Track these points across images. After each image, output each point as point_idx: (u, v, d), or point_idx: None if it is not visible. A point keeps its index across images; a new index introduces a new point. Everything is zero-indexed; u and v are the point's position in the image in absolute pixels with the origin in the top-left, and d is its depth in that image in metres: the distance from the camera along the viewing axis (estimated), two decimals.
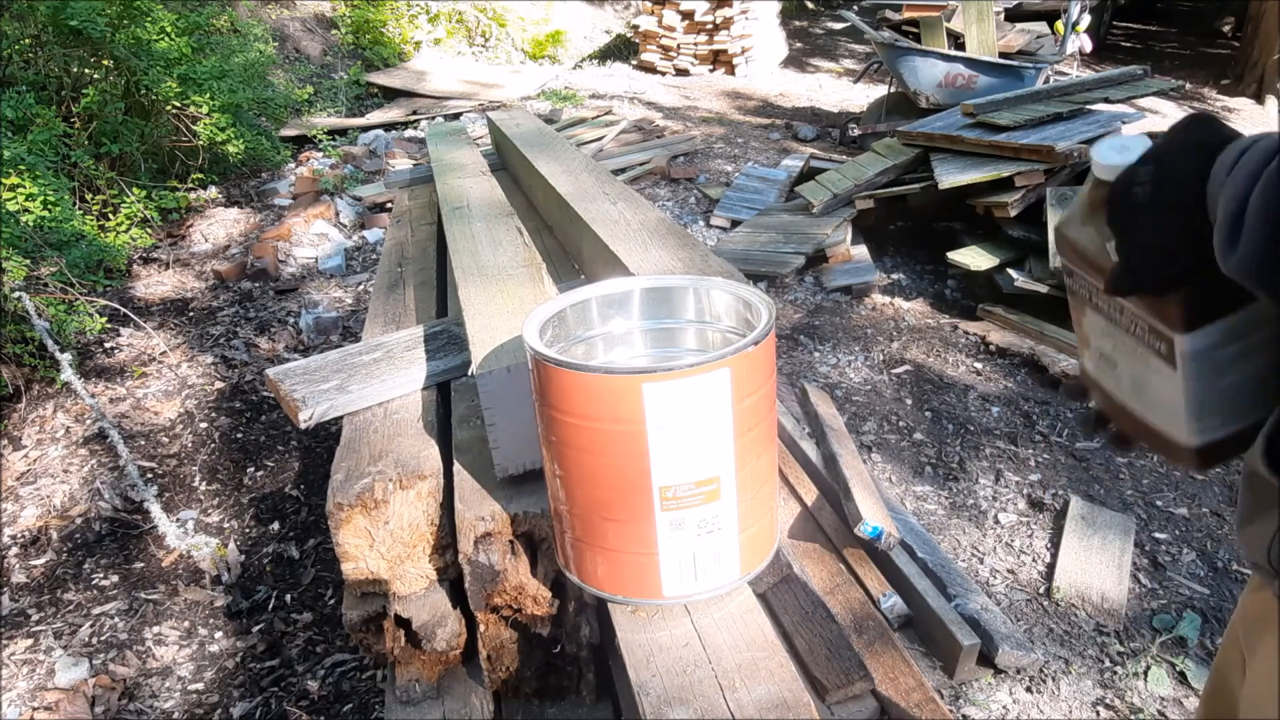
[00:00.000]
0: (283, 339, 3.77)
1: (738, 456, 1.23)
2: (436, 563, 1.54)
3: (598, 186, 2.46)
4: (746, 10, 8.47)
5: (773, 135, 6.80)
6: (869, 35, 6.37)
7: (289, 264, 4.49)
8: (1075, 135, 4.04)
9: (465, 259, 2.01)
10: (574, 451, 1.23)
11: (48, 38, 4.33)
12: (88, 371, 3.41)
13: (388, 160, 5.84)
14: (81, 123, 4.32)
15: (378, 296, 2.41)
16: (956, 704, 1.93)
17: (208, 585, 2.44)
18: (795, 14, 11.59)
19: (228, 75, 4.79)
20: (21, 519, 2.70)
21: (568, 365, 1.18)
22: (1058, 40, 6.33)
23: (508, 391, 1.43)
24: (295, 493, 2.82)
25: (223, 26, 5.57)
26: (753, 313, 1.34)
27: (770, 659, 1.22)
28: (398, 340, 1.96)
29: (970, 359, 3.55)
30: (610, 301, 1.51)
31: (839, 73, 9.39)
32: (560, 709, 1.62)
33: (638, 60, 9.07)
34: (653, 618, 1.31)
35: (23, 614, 2.37)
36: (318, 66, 7.86)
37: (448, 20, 9.23)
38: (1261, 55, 8.53)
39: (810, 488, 2.29)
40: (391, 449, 1.56)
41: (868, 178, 4.49)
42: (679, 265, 1.80)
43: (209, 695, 2.12)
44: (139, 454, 2.98)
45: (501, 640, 1.53)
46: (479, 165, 2.98)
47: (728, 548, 1.29)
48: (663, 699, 1.17)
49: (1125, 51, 10.25)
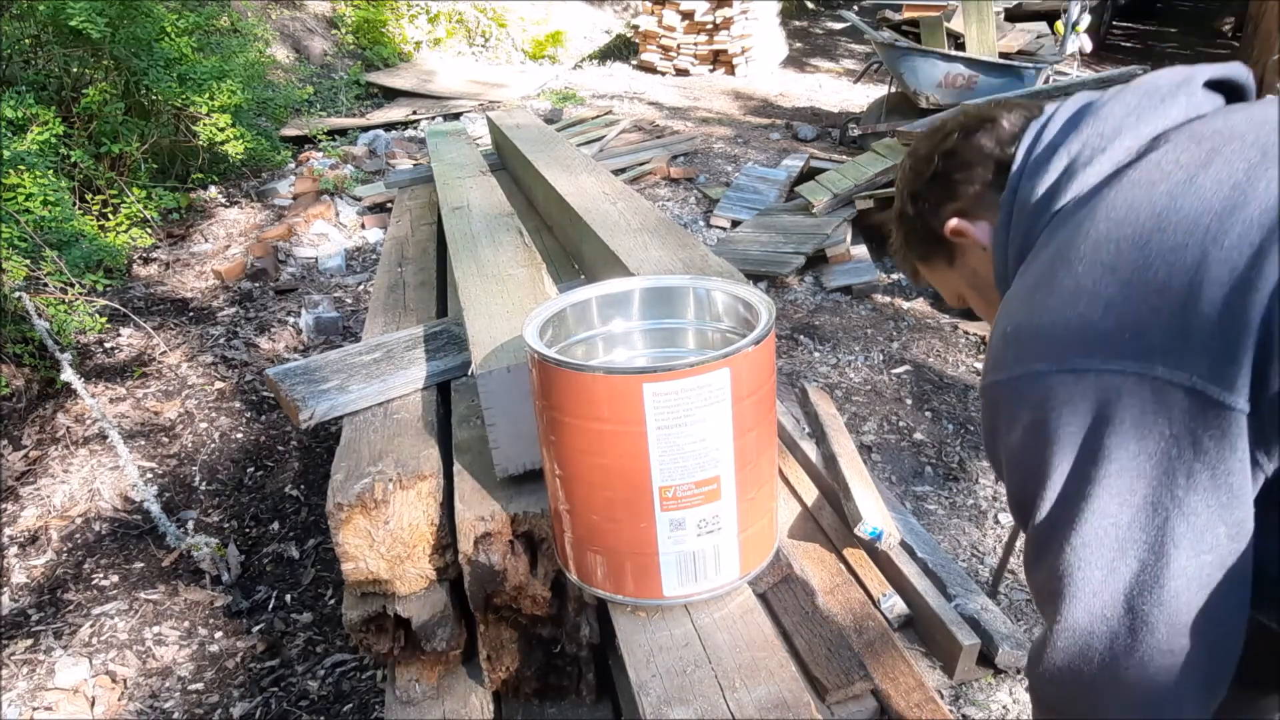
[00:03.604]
0: (283, 339, 3.77)
1: (738, 456, 1.23)
2: (436, 563, 1.54)
3: (598, 186, 2.46)
4: (746, 10, 8.47)
5: (773, 135, 6.80)
6: (869, 35, 6.37)
7: (289, 264, 4.49)
8: None
9: (465, 259, 2.01)
10: (574, 452, 1.23)
11: (48, 38, 4.33)
12: (88, 371, 3.41)
13: (388, 160, 5.84)
14: (81, 123, 4.32)
15: (378, 296, 2.41)
16: (956, 704, 1.93)
17: (208, 585, 2.44)
18: (795, 14, 11.59)
19: (228, 75, 4.79)
20: (21, 519, 2.70)
21: (568, 365, 1.18)
22: (1058, 40, 6.33)
23: (508, 391, 1.43)
24: (295, 493, 2.82)
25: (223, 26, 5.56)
26: (753, 313, 1.34)
27: (770, 659, 1.22)
28: (398, 340, 1.96)
29: (970, 359, 3.55)
30: (610, 301, 1.51)
31: (839, 73, 9.40)
32: (560, 709, 1.62)
33: (638, 60, 9.07)
34: (653, 618, 1.31)
35: (23, 614, 2.37)
36: (318, 66, 7.87)
37: (448, 20, 9.23)
38: (1261, 55, 8.52)
39: (810, 488, 2.29)
40: (391, 449, 1.56)
41: (868, 178, 4.49)
42: (679, 265, 1.80)
43: (209, 695, 2.12)
44: (139, 454, 2.98)
45: (501, 640, 1.53)
46: (479, 165, 2.98)
47: (728, 548, 1.29)
48: (663, 699, 1.17)
49: (1125, 51, 10.25)
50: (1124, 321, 0.75)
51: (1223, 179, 0.75)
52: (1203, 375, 0.71)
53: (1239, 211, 0.73)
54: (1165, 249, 0.74)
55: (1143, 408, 0.74)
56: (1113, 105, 0.88)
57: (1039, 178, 0.89)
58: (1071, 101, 0.93)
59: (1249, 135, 0.79)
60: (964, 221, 1.00)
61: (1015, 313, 0.84)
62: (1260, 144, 0.77)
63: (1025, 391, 0.80)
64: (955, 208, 1.01)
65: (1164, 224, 0.75)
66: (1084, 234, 0.81)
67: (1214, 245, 0.72)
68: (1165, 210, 0.76)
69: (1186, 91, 0.87)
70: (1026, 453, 0.81)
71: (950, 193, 1.01)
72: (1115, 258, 0.77)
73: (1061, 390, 0.77)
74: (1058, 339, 0.78)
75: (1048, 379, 0.78)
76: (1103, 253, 0.78)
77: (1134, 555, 0.76)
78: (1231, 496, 0.73)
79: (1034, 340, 0.80)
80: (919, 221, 1.06)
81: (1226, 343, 0.71)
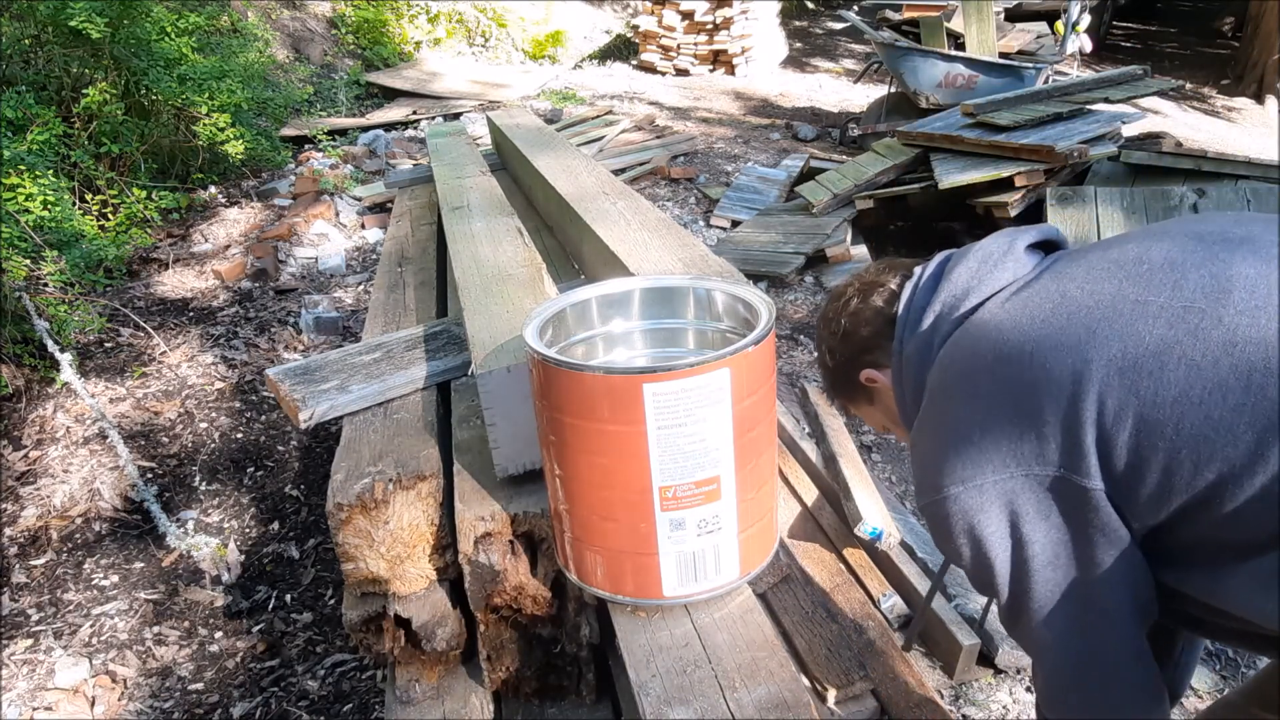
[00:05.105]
0: (283, 339, 3.77)
1: (738, 456, 1.23)
2: (436, 563, 1.54)
3: (598, 186, 2.46)
4: (746, 10, 8.47)
5: (773, 135, 6.80)
6: (869, 35, 6.37)
7: (289, 264, 4.49)
8: (1075, 135, 4.04)
9: (465, 259, 2.01)
10: (574, 452, 1.23)
11: (48, 38, 4.33)
12: (88, 371, 3.41)
13: (388, 160, 5.84)
14: (81, 123, 4.32)
15: (378, 296, 2.41)
16: (956, 704, 1.93)
17: (208, 585, 2.44)
18: (795, 14, 11.59)
19: (228, 75, 4.78)
20: (21, 519, 2.70)
21: (568, 365, 1.18)
22: (1058, 40, 6.33)
23: (508, 391, 1.43)
24: (295, 493, 2.82)
25: (223, 27, 5.57)
26: (753, 313, 1.34)
27: (770, 659, 1.22)
28: (398, 340, 1.96)
29: None
30: (610, 301, 1.51)
31: (839, 73, 9.40)
32: (560, 709, 1.62)
33: (638, 60, 9.07)
34: (653, 618, 1.31)
35: (23, 614, 2.37)
36: (318, 66, 7.87)
37: (448, 20, 9.23)
38: (1261, 55, 8.53)
39: (810, 488, 2.29)
40: (391, 449, 1.56)
41: (868, 178, 4.49)
42: (679, 265, 1.80)
43: (209, 695, 2.12)
44: (139, 454, 2.98)
45: (501, 640, 1.53)
46: (479, 165, 2.98)
47: (728, 548, 1.29)
48: (663, 699, 1.17)
49: (1125, 51, 10.25)
50: (997, 438, 0.96)
51: (1036, 318, 0.97)
52: (1065, 467, 0.93)
53: (1051, 340, 0.94)
54: (1006, 377, 0.96)
55: (1037, 496, 0.95)
56: (959, 270, 1.10)
57: (916, 333, 1.11)
58: (933, 262, 1.16)
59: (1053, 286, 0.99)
60: (874, 371, 1.20)
61: (923, 447, 1.06)
62: (1062, 291, 0.98)
63: (950, 508, 1.01)
64: (866, 359, 1.21)
65: (1002, 356, 0.97)
66: (948, 374, 1.04)
67: (1041, 370, 0.93)
68: (998, 344, 0.98)
69: (1013, 257, 1.07)
70: (972, 552, 1.02)
71: (857, 346, 1.21)
72: (974, 388, 0.99)
73: (974, 502, 0.98)
74: (956, 463, 0.99)
75: (960, 498, 0.99)
76: (964, 386, 1.01)
77: (1078, 600, 0.98)
78: (1124, 545, 0.95)
79: (942, 468, 1.01)
80: (839, 372, 1.26)
81: (1073, 442, 0.91)
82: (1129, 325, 0.90)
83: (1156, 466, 0.89)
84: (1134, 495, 0.92)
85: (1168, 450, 0.87)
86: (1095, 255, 1.01)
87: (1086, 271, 0.98)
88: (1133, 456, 0.89)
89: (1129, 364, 0.89)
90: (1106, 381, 0.89)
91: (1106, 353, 0.90)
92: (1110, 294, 0.94)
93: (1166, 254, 0.94)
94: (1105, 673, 1.01)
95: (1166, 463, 0.88)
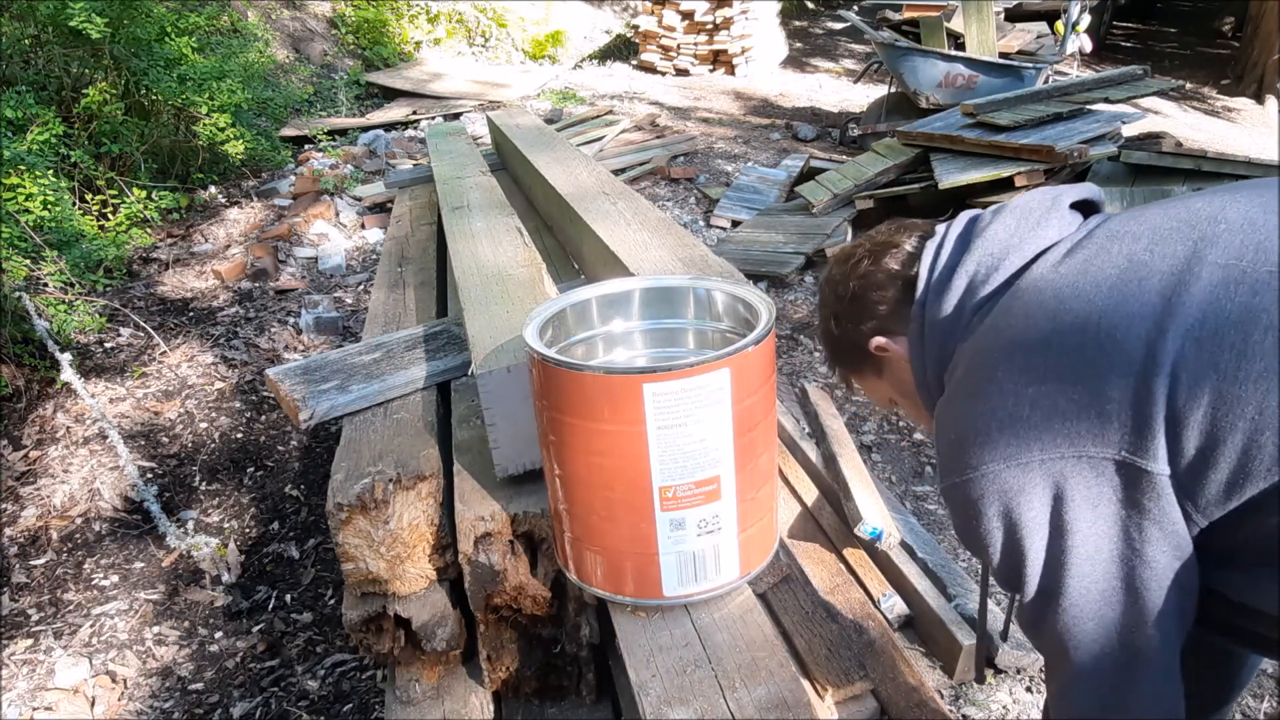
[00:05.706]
0: (283, 339, 3.77)
1: (738, 456, 1.23)
2: (436, 563, 1.54)
3: (598, 186, 2.46)
4: (746, 10, 8.47)
5: (773, 135, 6.80)
6: (869, 35, 6.37)
7: (289, 264, 4.49)
8: (1075, 135, 4.04)
9: (465, 259, 2.01)
10: (574, 452, 1.23)
11: (47, 38, 4.33)
12: (88, 371, 3.41)
13: (388, 160, 5.84)
14: (81, 123, 4.32)
15: (378, 296, 2.41)
16: (956, 704, 1.93)
17: (208, 585, 2.44)
18: (795, 14, 11.59)
19: (228, 75, 4.78)
20: (21, 519, 2.70)
21: (568, 365, 1.18)
22: (1058, 40, 6.33)
23: (508, 391, 1.43)
24: (295, 493, 2.82)
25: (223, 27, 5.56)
26: (753, 313, 1.34)
27: (770, 659, 1.22)
28: (398, 340, 1.96)
29: None
30: (610, 301, 1.51)
31: (839, 73, 9.40)
32: (560, 709, 1.62)
33: (638, 60, 9.07)
34: (653, 618, 1.31)
35: (23, 614, 2.37)
36: (318, 66, 7.86)
37: (448, 20, 9.23)
38: (1261, 55, 8.53)
39: (810, 488, 2.28)
40: (391, 449, 1.56)
41: (868, 178, 4.49)
42: (679, 265, 1.80)
43: (209, 695, 2.12)
44: (139, 454, 2.98)
45: (501, 640, 1.53)
46: (479, 165, 2.98)
47: (728, 548, 1.29)
48: (663, 699, 1.17)
49: (1125, 51, 10.25)
50: (1050, 415, 0.86)
51: (1101, 284, 0.87)
52: (1127, 449, 0.83)
53: (1121, 310, 0.85)
54: (1066, 349, 0.87)
55: (1087, 482, 0.86)
56: (995, 227, 1.00)
57: (944, 296, 1.02)
58: (958, 222, 1.06)
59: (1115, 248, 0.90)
60: (885, 339, 1.12)
61: (956, 421, 0.95)
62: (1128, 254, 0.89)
63: (986, 488, 0.91)
64: (874, 325, 1.12)
65: (1062, 326, 0.88)
66: (996, 342, 0.93)
67: (1110, 342, 0.84)
68: (1057, 313, 0.89)
69: (1057, 214, 0.98)
70: (1004, 539, 0.92)
71: (867, 312, 1.12)
72: (1027, 360, 0.89)
73: (1015, 482, 0.88)
74: (999, 439, 0.89)
75: (1002, 475, 0.89)
76: (1017, 358, 0.90)
77: (1116, 603, 0.89)
78: (1180, 540, 0.86)
79: (980, 443, 0.91)
80: (844, 340, 1.17)
81: (1140, 421, 0.82)
82: (1208, 291, 0.81)
83: (1234, 449, 0.80)
84: (1203, 482, 0.83)
85: (1248, 431, 0.79)
86: (1158, 214, 0.91)
87: (1152, 232, 0.89)
88: (1206, 439, 0.81)
89: (1208, 334, 0.80)
90: (1182, 354, 0.80)
91: (1184, 322, 0.81)
92: (1184, 256, 0.84)
93: (1245, 213, 0.86)
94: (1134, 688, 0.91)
95: (1246, 445, 0.79)
